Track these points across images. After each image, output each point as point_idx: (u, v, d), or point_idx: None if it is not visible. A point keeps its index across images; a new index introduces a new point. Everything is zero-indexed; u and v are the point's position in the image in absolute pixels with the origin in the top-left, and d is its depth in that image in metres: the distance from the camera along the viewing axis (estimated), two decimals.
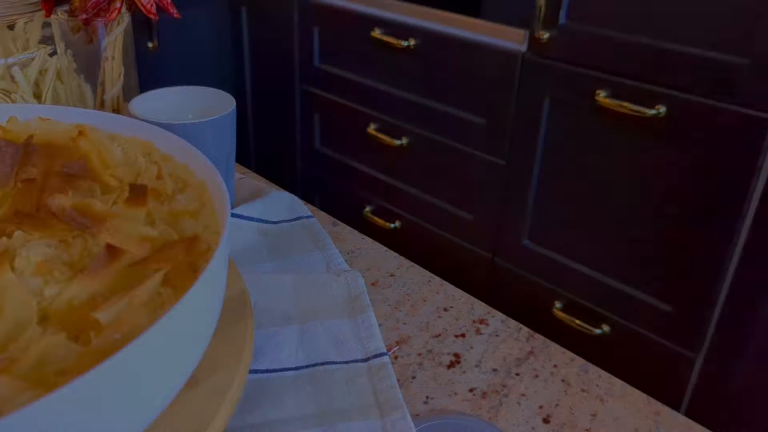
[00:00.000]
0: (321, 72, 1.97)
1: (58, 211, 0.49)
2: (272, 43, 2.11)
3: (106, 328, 0.39)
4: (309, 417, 0.51)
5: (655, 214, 1.38)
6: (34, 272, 0.44)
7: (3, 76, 0.70)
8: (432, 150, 1.75)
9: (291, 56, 2.05)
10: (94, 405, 0.35)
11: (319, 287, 0.64)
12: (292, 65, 2.06)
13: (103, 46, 0.68)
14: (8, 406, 0.33)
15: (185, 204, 0.51)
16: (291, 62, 2.06)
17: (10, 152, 0.53)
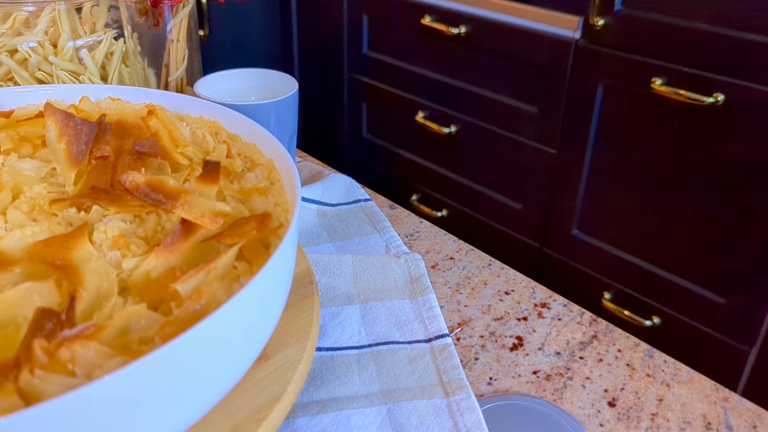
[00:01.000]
0: (369, 60, 1.98)
1: (131, 187, 0.51)
2: (321, 31, 2.12)
3: (185, 299, 0.40)
4: (374, 395, 0.51)
5: (709, 205, 1.35)
6: (111, 246, 0.45)
7: (72, 58, 0.72)
8: (481, 138, 1.74)
9: (339, 44, 2.05)
10: (177, 373, 0.35)
11: (379, 268, 0.64)
12: (340, 53, 2.06)
13: (169, 28, 0.69)
14: (97, 372, 0.34)
15: (255, 182, 0.52)
16: (339, 50, 2.06)
17: (86, 130, 0.54)
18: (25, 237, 0.45)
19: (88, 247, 0.44)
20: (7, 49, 0.70)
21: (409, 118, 1.89)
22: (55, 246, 0.44)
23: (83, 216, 0.47)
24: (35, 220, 0.48)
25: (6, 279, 0.42)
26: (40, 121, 0.58)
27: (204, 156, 0.56)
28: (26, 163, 0.53)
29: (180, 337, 0.34)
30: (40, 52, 0.70)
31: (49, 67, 0.71)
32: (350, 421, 0.49)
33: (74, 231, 0.44)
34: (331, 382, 0.53)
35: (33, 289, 0.40)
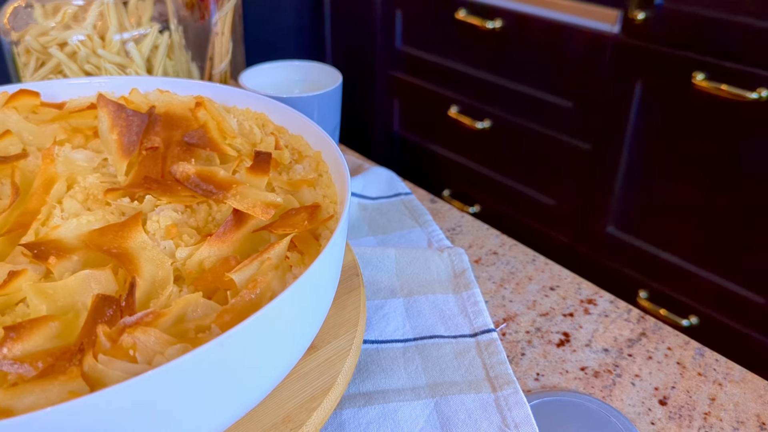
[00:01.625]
0: (402, 54, 1.97)
1: (182, 177, 0.51)
2: (354, 25, 2.12)
3: (240, 288, 0.40)
4: (421, 388, 0.51)
5: (750, 203, 1.32)
6: (164, 235, 0.46)
7: (119, 51, 0.73)
8: (514, 133, 1.72)
9: (372, 39, 2.05)
10: (234, 362, 0.35)
11: (422, 262, 0.64)
12: (373, 48, 2.06)
13: (214, 21, 0.70)
14: (158, 358, 0.35)
15: (303, 174, 0.52)
16: (372, 45, 2.06)
17: (137, 121, 0.55)
18: (81, 226, 0.46)
19: (142, 236, 0.44)
20: (57, 43, 0.71)
21: (442, 113, 1.88)
22: (110, 235, 0.44)
23: (136, 206, 0.48)
24: (89, 210, 0.49)
25: (65, 266, 0.42)
26: (91, 112, 0.59)
27: (251, 147, 0.56)
28: (79, 154, 0.54)
29: (240, 325, 0.34)
30: (88, 45, 0.71)
31: (97, 60, 0.72)
32: (397, 414, 0.49)
33: (128, 220, 0.45)
34: (377, 374, 0.53)
35: (91, 277, 0.41)
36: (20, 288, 0.40)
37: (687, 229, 1.44)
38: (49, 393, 0.32)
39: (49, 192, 0.49)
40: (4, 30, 0.73)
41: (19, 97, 0.59)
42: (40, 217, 0.47)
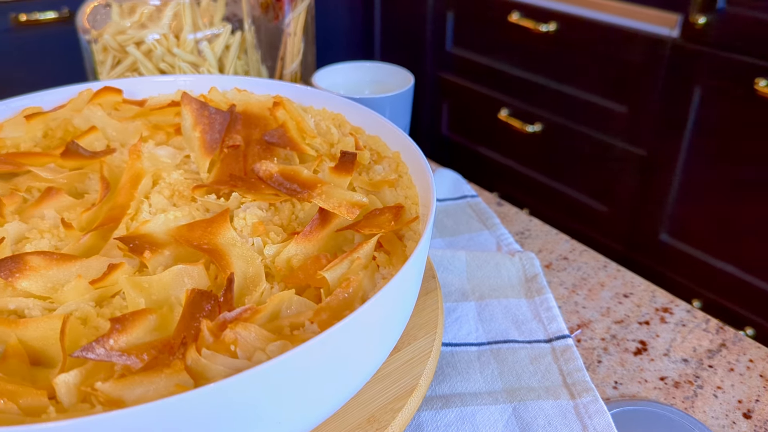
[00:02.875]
0: (453, 56, 1.96)
1: (265, 176, 0.52)
2: (404, 26, 2.12)
3: (333, 286, 0.40)
4: (498, 392, 0.51)
5: None
6: (251, 232, 0.46)
7: (192, 50, 0.74)
8: (566, 137, 1.70)
9: (423, 40, 2.05)
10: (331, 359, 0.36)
11: (493, 266, 0.64)
12: (423, 49, 2.06)
13: (287, 21, 0.71)
14: (258, 354, 0.35)
15: (384, 174, 0.52)
16: (422, 46, 2.06)
17: (219, 119, 0.55)
18: (168, 221, 0.47)
19: (231, 233, 0.45)
20: (134, 41, 0.72)
21: (492, 115, 1.87)
22: (198, 231, 0.45)
23: (222, 202, 0.48)
24: (175, 205, 0.50)
25: (158, 261, 0.43)
26: (172, 110, 0.60)
27: (329, 147, 0.57)
28: (162, 150, 0.55)
29: (341, 322, 0.34)
30: (164, 44, 0.72)
31: (172, 58, 0.73)
32: (476, 418, 0.49)
33: (216, 217, 0.46)
34: (453, 377, 0.53)
35: (184, 272, 0.41)
36: (116, 281, 0.41)
37: (743, 238, 1.41)
38: (157, 385, 0.33)
39: (136, 187, 0.50)
40: (83, 28, 0.75)
41: (103, 94, 0.60)
42: (130, 212, 0.48)
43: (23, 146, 0.57)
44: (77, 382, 0.33)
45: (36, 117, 0.58)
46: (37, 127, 0.58)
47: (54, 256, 0.42)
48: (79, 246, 0.45)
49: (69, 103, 0.60)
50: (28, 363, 0.37)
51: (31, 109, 0.59)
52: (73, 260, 0.42)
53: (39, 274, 0.41)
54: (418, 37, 2.06)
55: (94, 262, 0.43)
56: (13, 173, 0.54)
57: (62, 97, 0.61)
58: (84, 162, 0.54)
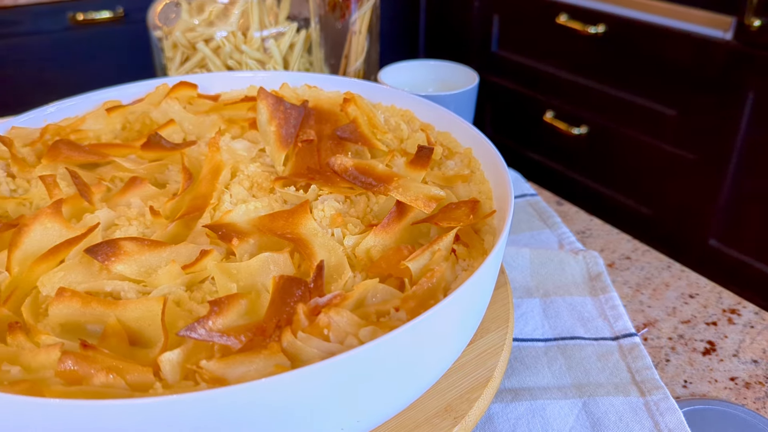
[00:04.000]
0: (498, 58, 1.96)
1: (340, 170, 0.53)
2: (448, 27, 2.13)
3: (415, 276, 0.41)
4: (567, 387, 0.51)
5: None
6: (329, 224, 0.47)
7: (258, 48, 0.76)
8: (613, 140, 1.69)
9: (467, 42, 2.05)
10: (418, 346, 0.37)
11: (557, 264, 0.64)
12: (467, 51, 2.06)
13: (353, 20, 0.72)
14: (350, 339, 0.36)
15: (456, 169, 0.53)
16: (467, 48, 2.06)
17: (294, 114, 0.57)
18: (249, 211, 0.48)
19: (313, 224, 0.46)
20: (203, 39, 0.74)
21: (537, 117, 1.87)
22: (280, 221, 0.46)
23: (301, 194, 0.50)
24: (254, 196, 0.51)
25: (244, 249, 0.44)
26: (244, 104, 0.62)
27: (399, 143, 0.58)
28: (239, 143, 0.56)
29: (432, 310, 0.35)
30: (232, 42, 0.74)
31: (239, 55, 0.75)
32: (546, 411, 0.49)
33: (297, 207, 0.47)
34: (521, 372, 0.53)
35: (270, 260, 0.43)
36: (206, 267, 0.43)
37: None
38: (257, 365, 0.34)
39: (217, 179, 0.51)
40: (154, 25, 0.77)
41: (179, 89, 0.62)
42: (213, 202, 0.49)
43: (104, 138, 0.59)
44: (180, 360, 0.35)
45: (116, 110, 0.60)
46: (116, 120, 0.60)
47: (145, 242, 0.44)
48: (166, 233, 0.47)
49: (147, 97, 0.62)
50: (128, 342, 0.38)
51: (111, 103, 0.62)
52: (164, 246, 0.44)
53: (133, 259, 0.42)
54: (463, 39, 2.07)
55: (183, 248, 0.44)
56: (96, 164, 0.56)
57: (139, 91, 0.64)
58: (164, 153, 0.56)
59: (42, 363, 0.35)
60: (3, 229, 0.46)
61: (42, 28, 1.69)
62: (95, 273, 0.43)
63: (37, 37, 1.69)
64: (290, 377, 0.31)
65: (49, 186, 0.49)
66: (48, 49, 1.71)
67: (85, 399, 0.30)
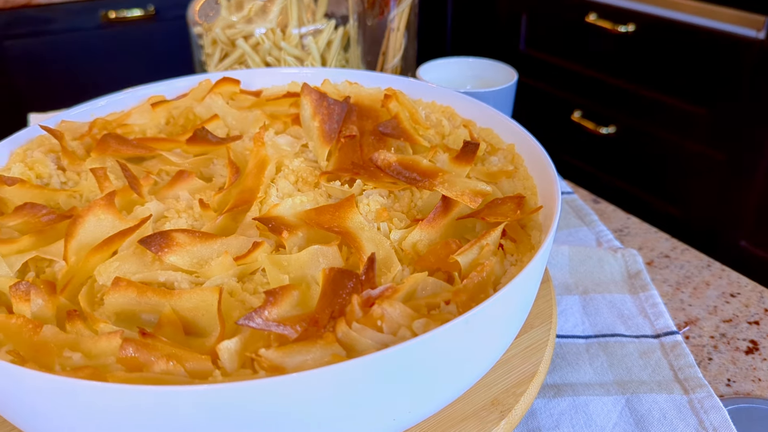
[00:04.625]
0: (525, 57, 1.96)
1: (383, 165, 0.53)
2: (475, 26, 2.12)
3: (465, 270, 0.41)
4: (609, 384, 0.51)
5: None
6: (375, 218, 0.48)
7: (297, 45, 0.76)
8: (642, 140, 1.67)
9: (494, 41, 2.05)
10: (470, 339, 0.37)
11: (596, 261, 0.64)
12: (494, 50, 2.06)
13: (391, 17, 0.72)
14: (403, 331, 0.37)
15: (500, 165, 0.53)
16: (493, 47, 2.06)
17: (337, 110, 0.57)
18: (295, 205, 0.49)
19: (359, 218, 0.46)
20: (242, 35, 0.75)
21: (564, 117, 1.86)
22: (327, 215, 0.47)
23: (346, 189, 0.50)
24: (299, 190, 0.52)
25: (293, 241, 0.45)
26: (286, 100, 0.62)
27: (441, 139, 0.58)
28: (282, 138, 0.57)
29: (484, 303, 0.35)
30: (271, 38, 0.75)
31: (278, 52, 0.75)
32: (589, 407, 0.49)
33: (343, 202, 0.47)
34: (563, 368, 0.53)
35: (319, 252, 0.43)
36: (256, 259, 0.43)
37: None
38: (314, 354, 0.35)
39: (263, 173, 0.52)
40: (193, 22, 0.78)
41: (222, 85, 0.63)
42: (260, 196, 0.50)
43: (149, 132, 0.60)
44: (238, 349, 0.35)
45: (161, 105, 0.61)
46: (160, 115, 0.61)
47: (196, 233, 0.44)
48: (215, 226, 0.47)
49: (190, 93, 0.63)
50: (183, 331, 0.39)
51: (155, 98, 0.63)
52: (215, 238, 0.44)
53: (185, 250, 0.43)
54: (490, 38, 2.06)
55: (234, 240, 0.45)
56: (141, 157, 0.57)
57: (185, 86, 0.64)
58: (209, 148, 0.56)
59: (103, 350, 0.36)
60: (57, 220, 0.47)
61: (75, 25, 1.72)
62: (148, 264, 0.43)
63: (70, 34, 1.72)
64: (349, 366, 0.32)
65: (100, 178, 0.50)
66: (81, 46, 1.74)
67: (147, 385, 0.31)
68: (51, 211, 0.47)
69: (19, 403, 0.35)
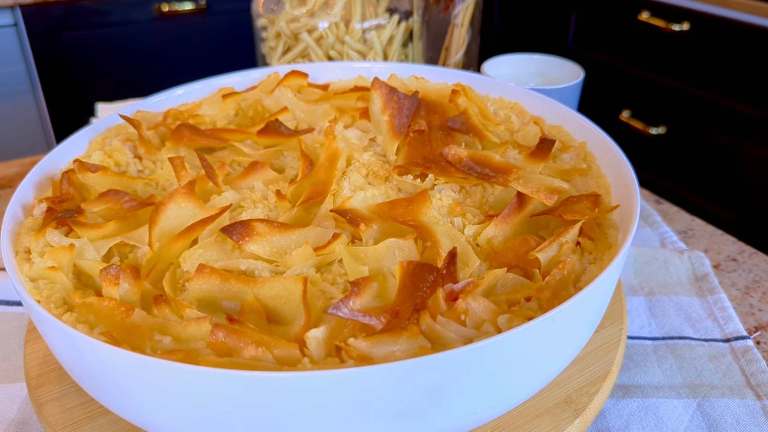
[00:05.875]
0: (574, 55, 1.93)
1: (454, 160, 0.53)
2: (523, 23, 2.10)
3: (545, 268, 0.41)
4: (679, 387, 0.51)
5: None
6: (447, 212, 0.48)
7: (360, 39, 0.77)
8: (693, 141, 1.64)
9: (541, 39, 2.03)
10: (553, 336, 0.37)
11: (661, 263, 0.63)
12: (542, 47, 2.04)
13: (456, 12, 0.72)
14: (486, 326, 0.37)
15: (572, 163, 0.53)
16: (541, 45, 2.04)
17: (407, 104, 0.57)
18: (367, 198, 0.49)
19: (433, 212, 0.46)
20: (306, 29, 0.76)
21: (613, 117, 1.83)
22: (400, 208, 0.47)
23: (418, 183, 0.50)
24: (370, 184, 0.52)
25: (368, 234, 0.45)
26: (353, 94, 0.63)
27: (510, 135, 0.58)
28: (351, 132, 0.57)
29: (570, 300, 0.35)
30: (334, 33, 0.75)
31: (341, 46, 0.76)
32: (659, 410, 0.49)
33: (416, 196, 0.47)
34: (631, 368, 0.53)
35: (395, 245, 0.44)
36: (334, 249, 0.44)
37: None
38: (401, 346, 0.35)
39: (335, 166, 0.53)
40: (257, 14, 0.79)
41: (290, 78, 0.64)
42: (333, 188, 0.50)
43: (218, 123, 0.61)
44: (324, 338, 0.36)
45: (230, 97, 0.62)
46: (230, 106, 0.62)
47: (275, 224, 0.45)
48: (290, 217, 0.48)
49: (259, 85, 0.64)
50: (266, 319, 0.40)
51: (225, 89, 0.64)
52: (293, 229, 0.45)
53: (264, 239, 0.44)
54: (537, 36, 2.04)
55: (311, 231, 0.45)
56: (212, 148, 0.58)
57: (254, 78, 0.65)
58: (279, 140, 0.57)
59: (192, 334, 0.37)
60: (138, 207, 0.48)
61: (130, 18, 1.75)
62: (228, 252, 0.44)
63: (124, 27, 1.75)
64: (440, 358, 0.32)
65: (177, 167, 0.51)
66: (135, 39, 1.77)
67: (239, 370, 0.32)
68: (133, 198, 0.48)
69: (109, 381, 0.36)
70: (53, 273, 0.41)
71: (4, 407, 0.49)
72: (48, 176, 0.51)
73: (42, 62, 1.70)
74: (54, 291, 0.40)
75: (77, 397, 0.44)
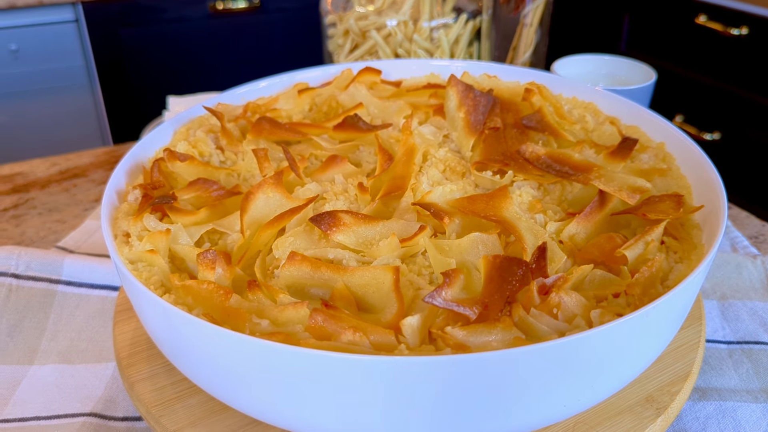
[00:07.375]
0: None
1: (531, 157, 0.54)
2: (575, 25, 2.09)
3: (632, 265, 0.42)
4: (757, 392, 0.50)
5: None
6: (528, 209, 0.48)
7: (427, 38, 0.77)
8: (749, 147, 1.61)
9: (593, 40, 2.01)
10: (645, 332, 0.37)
11: (734, 267, 0.62)
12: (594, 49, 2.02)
13: (525, 12, 0.72)
14: (578, 320, 0.37)
15: (651, 163, 0.53)
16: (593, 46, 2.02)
17: (483, 102, 0.58)
18: (445, 193, 0.50)
19: (515, 207, 0.47)
20: (375, 27, 0.77)
21: None
22: (480, 203, 0.48)
23: (498, 179, 0.51)
24: (448, 179, 0.53)
25: (451, 228, 0.46)
26: (426, 91, 0.64)
27: (586, 135, 0.58)
28: (426, 128, 0.58)
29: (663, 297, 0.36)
30: (403, 31, 0.76)
31: (408, 44, 0.77)
32: (737, 413, 0.48)
33: (497, 192, 0.48)
34: (706, 372, 0.52)
35: (479, 240, 0.44)
36: (418, 242, 0.45)
37: None
38: (497, 336, 0.36)
39: (412, 161, 0.53)
40: (326, 11, 0.80)
41: (364, 74, 0.65)
42: (412, 183, 0.51)
43: (294, 118, 0.63)
44: (419, 326, 0.37)
45: (306, 92, 0.63)
46: (305, 101, 0.64)
47: (359, 215, 0.46)
48: (371, 209, 0.49)
49: (334, 81, 0.65)
50: (356, 307, 0.41)
51: (301, 85, 0.65)
52: (377, 221, 0.46)
53: (351, 230, 0.45)
54: (588, 38, 2.03)
55: (394, 224, 0.46)
56: (288, 141, 0.59)
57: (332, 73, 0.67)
58: (355, 134, 0.58)
59: (289, 318, 0.38)
60: (225, 195, 0.49)
61: (185, 15, 1.79)
62: (315, 241, 0.45)
63: (179, 24, 1.79)
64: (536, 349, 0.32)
65: (260, 159, 0.52)
66: (190, 36, 1.81)
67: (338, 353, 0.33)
68: (221, 187, 0.50)
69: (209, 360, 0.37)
70: (151, 256, 0.42)
71: (92, 385, 0.51)
72: (137, 165, 0.53)
73: (101, 57, 1.75)
74: (152, 273, 0.42)
75: (167, 376, 0.46)
